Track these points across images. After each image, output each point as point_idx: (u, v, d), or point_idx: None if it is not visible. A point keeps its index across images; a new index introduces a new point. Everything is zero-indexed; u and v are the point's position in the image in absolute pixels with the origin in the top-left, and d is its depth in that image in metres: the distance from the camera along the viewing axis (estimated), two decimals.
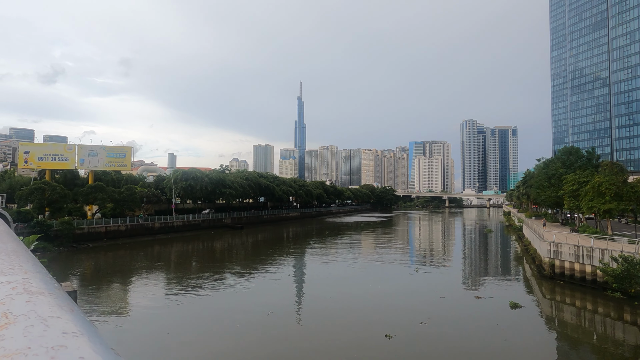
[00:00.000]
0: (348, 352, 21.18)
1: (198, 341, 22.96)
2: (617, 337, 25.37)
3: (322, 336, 24.11)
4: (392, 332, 23.44)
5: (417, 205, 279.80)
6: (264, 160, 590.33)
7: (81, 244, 62.60)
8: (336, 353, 21.31)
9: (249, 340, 23.01)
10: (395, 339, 22.68)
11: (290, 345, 22.58)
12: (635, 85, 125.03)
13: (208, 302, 31.75)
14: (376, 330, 24.09)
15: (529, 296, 34.50)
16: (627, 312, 28.70)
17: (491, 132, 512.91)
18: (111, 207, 74.44)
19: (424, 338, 23.76)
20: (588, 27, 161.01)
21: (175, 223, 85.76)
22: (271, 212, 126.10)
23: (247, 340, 23.03)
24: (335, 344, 22.53)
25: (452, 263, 54.06)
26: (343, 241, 77.90)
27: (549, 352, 22.70)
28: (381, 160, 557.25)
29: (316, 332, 24.83)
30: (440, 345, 22.88)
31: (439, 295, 33.62)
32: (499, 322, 26.67)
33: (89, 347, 1.05)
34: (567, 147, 68.91)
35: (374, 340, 22.63)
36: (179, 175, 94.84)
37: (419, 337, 23.73)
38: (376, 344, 22.05)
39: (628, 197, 45.03)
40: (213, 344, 22.55)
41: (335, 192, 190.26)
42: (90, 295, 33.47)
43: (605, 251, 33.75)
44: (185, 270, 46.11)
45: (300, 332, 24.99)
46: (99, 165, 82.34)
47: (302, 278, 44.17)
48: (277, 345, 22.42)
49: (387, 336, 22.87)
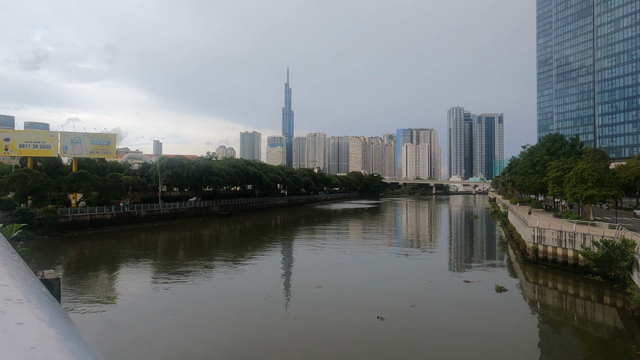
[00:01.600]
0: (344, 332, 22.21)
1: (197, 326, 22.97)
2: (597, 319, 26.14)
3: (319, 318, 24.97)
4: (384, 314, 24.16)
5: (404, 192, 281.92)
6: (251, 148, 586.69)
7: (66, 232, 61.72)
8: (333, 332, 22.39)
9: (251, 323, 23.35)
10: (387, 321, 23.44)
11: (289, 326, 23.48)
12: (619, 73, 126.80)
13: (199, 289, 31.69)
14: (369, 312, 24.80)
15: (513, 280, 35.24)
16: (606, 295, 29.54)
17: (478, 120, 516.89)
18: (96, 196, 73.37)
19: (414, 319, 24.47)
20: (574, 14, 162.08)
21: (161, 211, 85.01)
22: (259, 199, 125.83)
23: (249, 323, 23.22)
24: (332, 324, 23.52)
25: (438, 248, 54.87)
26: (332, 228, 78.27)
27: (532, 334, 23.30)
28: (369, 147, 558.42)
29: (312, 314, 25.57)
30: (430, 326, 23.67)
31: (427, 279, 34.44)
32: (484, 305, 27.37)
33: (32, 313, 1.01)
34: (551, 134, 69.93)
35: (368, 321, 23.52)
36: (165, 163, 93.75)
37: (409, 319, 24.44)
38: (370, 325, 22.97)
39: (609, 184, 46.02)
40: (214, 329, 22.59)
41: (323, 179, 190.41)
42: (76, 283, 33.12)
43: (587, 236, 34.52)
44: (174, 259, 45.90)
45: (297, 314, 25.59)
46: (83, 153, 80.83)
47: (294, 264, 44.38)
48: (278, 327, 22.96)
49: (379, 318, 23.66)
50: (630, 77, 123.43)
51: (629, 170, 67.18)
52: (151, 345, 20.88)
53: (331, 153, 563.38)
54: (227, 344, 21.12)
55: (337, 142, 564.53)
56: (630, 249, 28.70)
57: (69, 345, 1.00)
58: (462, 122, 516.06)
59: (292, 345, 21.12)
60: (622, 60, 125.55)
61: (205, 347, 20.45)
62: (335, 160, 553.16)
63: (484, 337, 22.00)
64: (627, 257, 28.63)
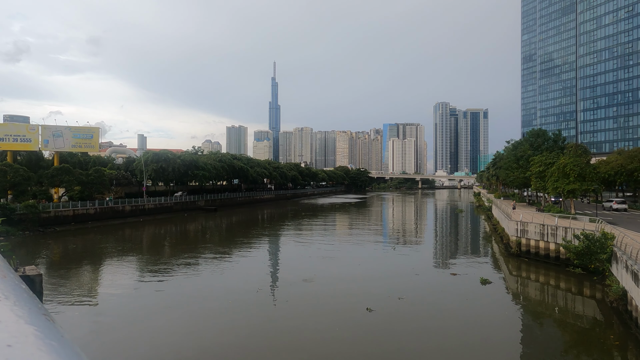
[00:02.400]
0: (335, 322, 22.95)
1: (186, 320, 22.82)
2: (577, 311, 26.80)
3: (310, 309, 25.52)
4: (372, 307, 24.61)
5: (390, 187, 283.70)
6: (237, 142, 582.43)
7: (48, 227, 60.58)
8: (324, 322, 23.10)
9: (243, 315, 23.48)
10: (376, 312, 23.96)
11: (283, 317, 24.10)
12: (600, 69, 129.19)
13: (188, 284, 31.44)
14: (358, 304, 25.26)
15: (497, 273, 35.87)
16: (586, 287, 30.28)
17: (463, 115, 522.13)
18: (79, 190, 72.14)
19: (402, 311, 24.97)
20: (557, 11, 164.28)
21: (146, 206, 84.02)
22: (245, 194, 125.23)
23: (242, 315, 23.23)
24: (323, 315, 24.22)
25: (425, 242, 55.49)
26: (319, 222, 78.42)
27: (515, 326, 23.78)
28: (356, 142, 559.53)
29: (303, 306, 26.04)
30: (417, 317, 24.08)
31: (414, 272, 35.01)
32: (469, 297, 27.89)
33: (10, 310, 0.99)
34: (535, 130, 70.99)
35: (357, 312, 24.00)
36: (150, 157, 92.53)
37: (397, 311, 24.90)
38: (359, 316, 23.56)
39: (590, 178, 47.02)
40: (205, 323, 22.47)
41: (310, 174, 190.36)
42: (59, 280, 32.57)
43: (568, 229, 35.28)
44: (160, 254, 45.46)
45: (288, 306, 26.00)
46: (65, 147, 79.24)
47: (283, 258, 44.40)
48: (270, 319, 23.23)
49: (368, 309, 24.18)
50: (611, 73, 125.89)
51: (609, 165, 68.73)
52: (139, 342, 20.69)
53: (318, 147, 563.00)
54: (221, 337, 21.06)
55: (324, 136, 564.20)
56: (610, 242, 29.43)
57: (49, 343, 0.98)
58: (447, 117, 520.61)
59: (286, 336, 21.37)
60: (604, 57, 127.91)
61: (198, 341, 20.35)
62: (322, 155, 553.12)
63: (469, 328, 22.38)
64: (607, 250, 29.37)
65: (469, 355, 19.33)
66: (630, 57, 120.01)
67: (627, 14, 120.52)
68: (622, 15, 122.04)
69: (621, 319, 23.12)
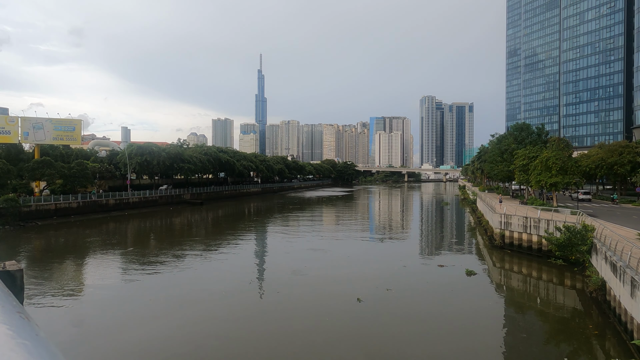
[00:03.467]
0: (328, 310, 23.77)
1: (174, 314, 22.65)
2: (558, 301, 27.44)
3: (300, 300, 26.03)
4: (362, 297, 25.23)
5: (377, 180, 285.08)
6: (223, 135, 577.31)
7: (29, 222, 59.37)
8: (318, 310, 23.92)
9: (236, 307, 23.43)
10: (365, 302, 24.64)
11: (277, 308, 24.49)
12: (582, 65, 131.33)
13: (174, 278, 31.18)
14: (349, 295, 25.86)
15: (481, 265, 36.45)
16: (567, 278, 31.00)
17: (449, 108, 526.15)
18: (61, 184, 70.76)
19: (390, 301, 25.59)
20: (542, 6, 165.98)
21: (131, 199, 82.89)
22: (232, 187, 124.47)
23: (234, 306, 23.17)
24: (316, 304, 25.06)
25: (411, 234, 56.08)
26: (307, 215, 78.46)
27: (498, 315, 24.26)
28: (342, 135, 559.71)
29: (294, 297, 26.54)
30: (404, 308, 24.53)
31: (402, 264, 35.67)
32: (454, 288, 28.48)
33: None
34: (519, 124, 71.89)
35: (349, 303, 24.64)
36: (134, 150, 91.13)
37: (386, 301, 25.54)
38: (351, 305, 24.31)
39: (572, 171, 47.93)
40: (194, 317, 22.34)
41: (297, 167, 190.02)
42: (41, 275, 31.99)
43: (550, 222, 35.98)
44: (145, 248, 44.96)
45: (280, 298, 26.33)
46: (46, 139, 77.50)
47: (272, 251, 44.35)
48: (263, 310, 23.61)
49: (358, 300, 24.88)
50: (593, 68, 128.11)
51: (590, 158, 70.18)
52: (125, 337, 20.46)
53: (305, 141, 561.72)
54: (215, 327, 20.98)
55: (311, 129, 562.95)
56: (590, 234, 30.12)
57: (21, 342, 0.95)
58: (434, 110, 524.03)
59: (279, 326, 21.68)
60: (586, 52, 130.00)
61: (188, 335, 20.23)
62: (308, 148, 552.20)
63: (454, 318, 22.76)
64: (587, 241, 30.05)
65: (455, 345, 19.65)
66: (612, 53, 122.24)
67: (609, 10, 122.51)
68: (604, 12, 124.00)
69: (600, 309, 23.75)
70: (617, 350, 18.74)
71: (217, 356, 18.54)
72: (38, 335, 1.07)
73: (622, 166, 64.79)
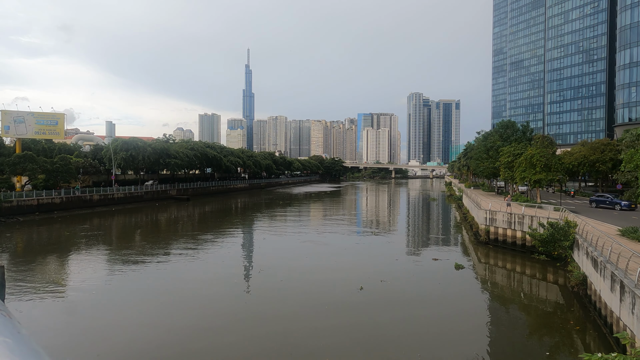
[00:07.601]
0: (334, 298, 25.42)
1: (167, 309, 22.43)
2: (541, 295, 27.97)
3: (302, 290, 27.82)
4: (359, 288, 26.79)
5: (364, 176, 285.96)
6: (210, 130, 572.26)
7: (10, 217, 58.15)
8: (326, 297, 25.61)
9: (243, 296, 23.18)
10: (366, 291, 26.40)
11: (287, 295, 26.47)
12: (566, 63, 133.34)
13: (165, 274, 30.89)
14: (351, 283, 27.68)
15: (467, 260, 36.92)
16: (550, 273, 31.61)
17: (436, 105, 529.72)
18: (43, 179, 69.39)
19: (386, 290, 27.01)
20: (527, 5, 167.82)
21: (115, 195, 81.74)
22: (219, 183, 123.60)
23: (244, 295, 22.99)
24: (323, 292, 26.86)
25: (399, 231, 56.60)
26: (295, 211, 78.38)
27: (482, 310, 24.63)
28: (330, 131, 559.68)
29: (305, 285, 28.53)
30: (398, 298, 25.64)
31: (393, 258, 36.90)
32: (442, 280, 29.78)
33: None
34: (504, 121, 72.78)
35: (352, 291, 26.40)
36: (119, 145, 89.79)
37: (382, 290, 27.07)
38: (354, 293, 26.11)
39: (555, 168, 48.76)
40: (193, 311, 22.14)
41: (285, 163, 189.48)
42: (22, 272, 31.37)
43: (534, 218, 36.58)
44: (130, 244, 44.40)
45: (290, 286, 28.24)
46: (27, 133, 75.80)
47: (261, 248, 44.14)
48: (271, 300, 24.57)
49: (361, 288, 26.63)
50: (576, 67, 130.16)
51: (573, 156, 71.48)
52: (110, 334, 20.20)
53: (292, 136, 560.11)
54: (215, 320, 20.89)
55: (299, 125, 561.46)
56: (572, 230, 30.73)
57: (2, 340, 0.94)
58: (421, 107, 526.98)
59: (288, 312, 23.08)
60: (570, 51, 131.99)
61: (187, 329, 20.08)
62: (296, 144, 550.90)
63: (442, 311, 23.06)
64: (570, 237, 30.66)
65: (443, 336, 19.91)
66: (595, 52, 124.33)
67: (592, 10, 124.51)
68: (588, 11, 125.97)
69: (581, 303, 24.29)
70: (597, 343, 19.20)
71: (219, 343, 18.46)
72: (20, 333, 1.05)
73: (604, 163, 66.16)
